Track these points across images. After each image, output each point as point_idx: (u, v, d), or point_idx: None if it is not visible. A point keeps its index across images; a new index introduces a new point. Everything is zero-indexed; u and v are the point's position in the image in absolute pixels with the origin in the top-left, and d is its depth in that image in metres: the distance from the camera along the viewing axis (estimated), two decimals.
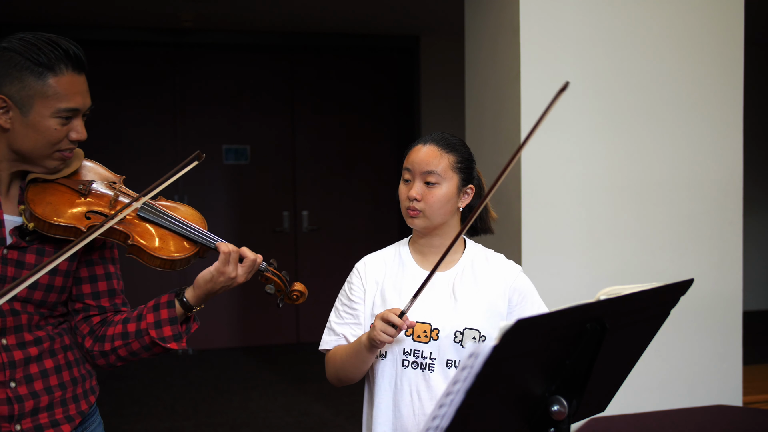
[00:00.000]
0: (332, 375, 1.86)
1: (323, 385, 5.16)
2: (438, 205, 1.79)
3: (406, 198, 1.80)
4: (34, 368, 1.58)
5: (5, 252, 1.54)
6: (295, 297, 1.76)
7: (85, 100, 1.56)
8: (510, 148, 3.04)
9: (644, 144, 3.10)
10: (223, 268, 1.62)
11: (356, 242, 6.35)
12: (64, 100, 1.51)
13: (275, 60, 6.33)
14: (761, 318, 6.93)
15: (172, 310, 1.64)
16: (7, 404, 1.53)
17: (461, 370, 1.07)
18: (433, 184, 1.78)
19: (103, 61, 5.93)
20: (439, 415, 1.09)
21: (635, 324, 1.36)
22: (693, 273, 3.06)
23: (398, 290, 1.83)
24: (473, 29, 3.42)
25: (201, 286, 1.64)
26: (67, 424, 1.62)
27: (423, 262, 1.86)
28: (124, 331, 1.65)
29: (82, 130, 1.56)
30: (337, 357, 1.83)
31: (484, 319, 1.79)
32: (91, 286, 1.68)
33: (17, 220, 1.57)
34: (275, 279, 1.73)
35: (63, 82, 1.51)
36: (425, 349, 1.77)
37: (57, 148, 1.54)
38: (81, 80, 1.55)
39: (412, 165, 1.80)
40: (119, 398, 4.90)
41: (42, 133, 1.51)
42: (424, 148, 1.81)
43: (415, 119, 6.35)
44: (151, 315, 1.64)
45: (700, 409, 2.84)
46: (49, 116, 1.50)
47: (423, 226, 1.81)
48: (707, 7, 3.14)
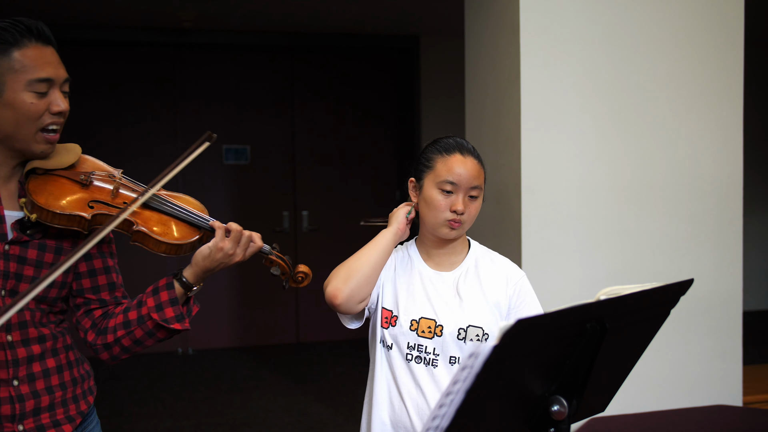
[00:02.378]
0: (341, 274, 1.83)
1: (323, 385, 5.17)
2: (475, 215, 1.85)
3: (447, 210, 1.80)
4: (37, 367, 1.58)
5: (7, 248, 1.54)
6: (300, 279, 1.80)
7: (58, 71, 1.55)
8: (510, 148, 3.04)
9: (644, 144, 3.10)
10: (221, 243, 1.65)
11: (356, 242, 6.31)
12: (32, 71, 1.50)
13: (275, 60, 6.33)
14: (761, 318, 6.93)
15: (171, 291, 1.66)
16: (10, 403, 1.53)
17: (461, 370, 1.08)
18: (475, 197, 1.82)
19: (103, 61, 5.94)
20: (439, 415, 1.09)
21: (635, 324, 1.36)
22: (693, 273, 3.06)
23: (406, 287, 1.87)
24: (473, 29, 3.42)
25: (198, 263, 1.66)
26: (68, 424, 1.62)
27: (431, 261, 1.91)
28: (125, 320, 1.65)
29: (62, 102, 1.55)
30: (353, 257, 1.85)
31: (488, 317, 1.82)
32: (91, 280, 1.69)
33: (17, 215, 1.57)
34: (279, 261, 1.77)
35: (28, 54, 1.51)
36: (429, 344, 1.80)
37: (40, 125, 1.53)
38: (49, 51, 1.54)
39: (459, 179, 1.79)
40: (119, 398, 4.90)
41: (19, 109, 1.50)
42: (467, 162, 1.81)
43: (415, 119, 6.35)
44: (151, 299, 1.65)
45: (700, 409, 2.84)
46: (23, 90, 1.50)
47: (458, 236, 1.86)
48: (707, 7, 3.14)
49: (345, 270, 1.83)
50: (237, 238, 1.67)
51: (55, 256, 1.60)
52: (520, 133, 2.95)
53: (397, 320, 1.83)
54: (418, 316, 1.81)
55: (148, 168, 6.01)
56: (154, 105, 6.11)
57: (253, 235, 1.70)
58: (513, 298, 1.86)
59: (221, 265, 1.68)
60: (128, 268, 2.16)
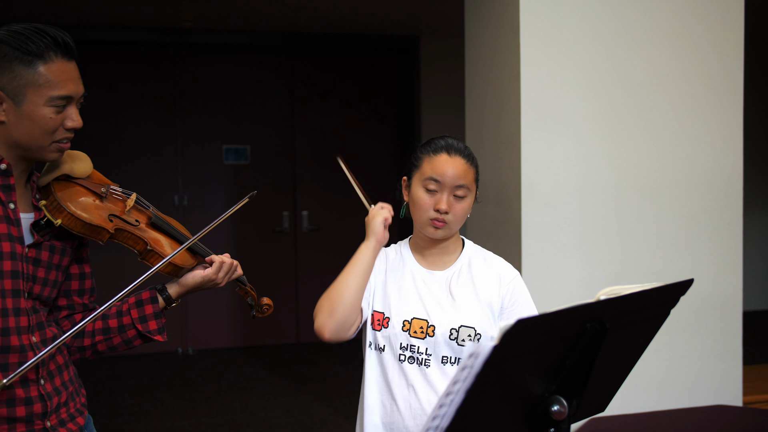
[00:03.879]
0: (324, 304, 1.81)
1: (323, 385, 5.17)
2: (463, 216, 1.82)
3: (431, 209, 1.80)
4: (52, 365, 1.62)
5: (26, 251, 1.55)
6: (265, 309, 1.99)
7: (78, 87, 1.55)
8: (510, 148, 3.04)
9: (644, 144, 3.10)
10: (215, 276, 1.78)
11: (356, 242, 6.29)
12: (56, 87, 1.51)
13: (275, 60, 6.33)
14: (761, 318, 6.93)
15: (156, 305, 1.75)
16: (41, 401, 1.57)
17: (461, 370, 1.08)
18: (461, 197, 1.80)
19: (103, 61, 5.93)
20: (439, 415, 1.09)
21: (635, 324, 1.36)
22: (693, 273, 3.06)
23: (398, 287, 1.86)
24: (473, 29, 3.42)
25: (187, 285, 1.78)
26: (80, 417, 1.68)
27: (423, 261, 1.90)
28: (105, 327, 1.73)
29: (77, 118, 1.56)
30: (335, 282, 1.82)
31: (480, 317, 1.82)
32: (79, 283, 1.74)
33: (29, 217, 1.59)
34: (252, 293, 1.96)
35: (53, 69, 1.50)
36: (421, 344, 1.80)
37: (54, 138, 1.54)
38: (71, 67, 1.55)
39: (443, 177, 1.79)
40: (119, 398, 4.90)
41: (37, 122, 1.51)
42: (453, 161, 1.81)
43: (415, 119, 6.35)
44: (135, 311, 1.74)
45: (700, 409, 2.84)
46: (43, 105, 1.50)
47: (444, 236, 1.84)
48: (707, 7, 3.13)
49: (328, 302, 1.79)
50: (227, 270, 1.80)
51: (61, 258, 1.63)
52: (520, 133, 2.95)
53: (389, 321, 1.83)
54: (410, 317, 1.81)
55: (148, 168, 6.02)
56: (154, 105, 6.11)
57: (237, 264, 1.83)
58: (506, 298, 1.85)
59: (203, 289, 1.81)
60: (108, 271, 2.23)
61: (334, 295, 1.79)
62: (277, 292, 6.25)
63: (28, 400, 1.54)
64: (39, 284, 1.58)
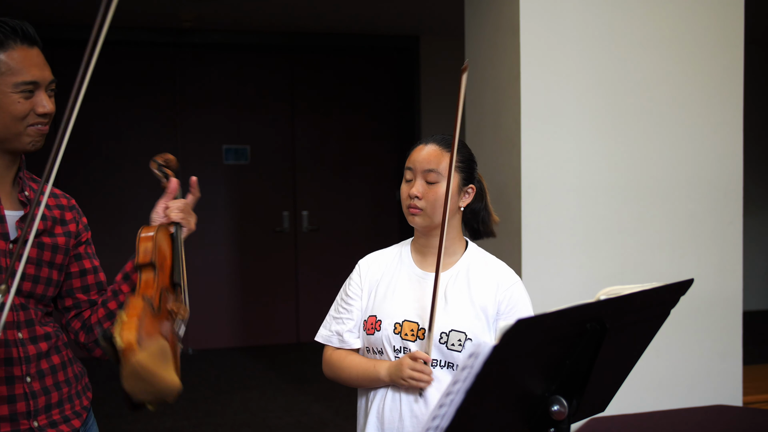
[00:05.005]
0: (330, 374, 1.92)
1: (323, 385, 5.16)
2: (439, 203, 1.79)
3: (407, 196, 1.82)
4: (44, 364, 1.61)
5: (10, 246, 1.56)
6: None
7: (44, 73, 1.57)
8: (510, 147, 3.04)
9: (644, 144, 3.10)
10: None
11: (356, 242, 6.34)
12: (19, 73, 1.52)
13: (275, 60, 6.33)
14: (761, 318, 6.93)
15: None
16: (25, 400, 1.56)
17: (461, 370, 1.08)
18: (433, 182, 1.80)
19: (102, 61, 5.92)
20: (439, 415, 1.09)
21: (635, 324, 1.36)
22: (693, 273, 3.06)
23: (392, 289, 1.86)
24: (473, 29, 3.42)
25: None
26: (76, 419, 1.67)
27: (422, 262, 1.89)
28: (107, 312, 1.71)
29: (47, 104, 1.57)
30: (343, 366, 1.87)
31: (473, 322, 1.80)
32: (81, 280, 1.73)
33: (17, 215, 1.59)
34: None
35: (15, 56, 1.52)
36: (412, 347, 1.80)
37: (27, 123, 1.55)
38: (34, 53, 1.56)
39: (414, 164, 1.83)
40: (119, 398, 4.89)
41: (5, 110, 1.52)
42: (426, 148, 1.84)
43: (415, 119, 6.35)
44: (125, 285, 1.70)
45: (700, 409, 2.84)
46: (10, 92, 1.52)
47: (423, 224, 1.83)
48: (707, 7, 3.13)
49: (334, 375, 1.89)
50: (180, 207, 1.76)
51: (53, 254, 1.63)
52: (520, 133, 2.95)
53: (381, 324, 1.83)
54: (401, 319, 1.81)
55: (148, 169, 6.02)
56: (153, 105, 6.10)
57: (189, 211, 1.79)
58: (502, 304, 1.82)
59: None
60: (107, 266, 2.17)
61: (337, 376, 1.88)
62: (277, 292, 6.25)
63: (11, 398, 1.54)
64: (28, 280, 1.58)
